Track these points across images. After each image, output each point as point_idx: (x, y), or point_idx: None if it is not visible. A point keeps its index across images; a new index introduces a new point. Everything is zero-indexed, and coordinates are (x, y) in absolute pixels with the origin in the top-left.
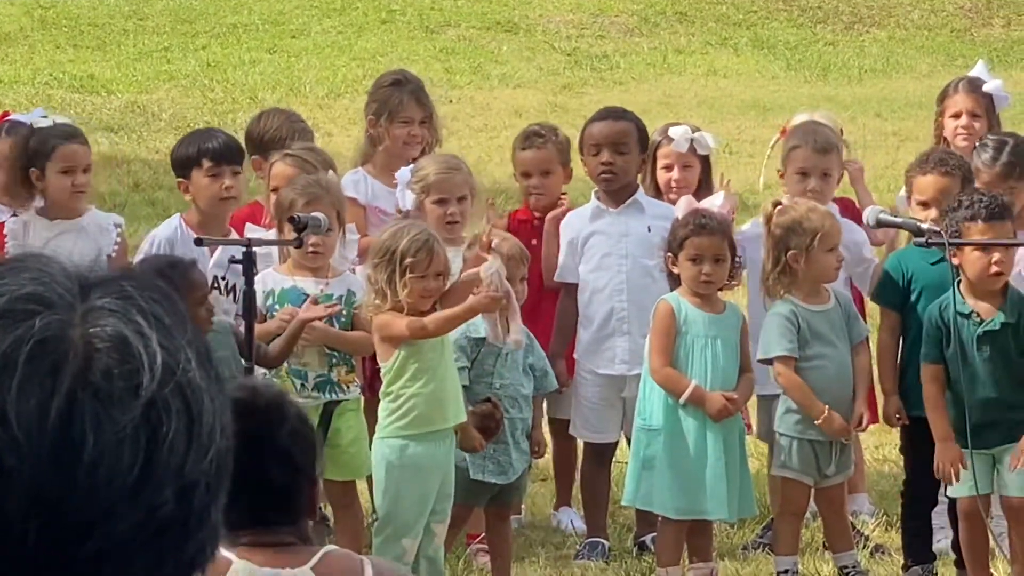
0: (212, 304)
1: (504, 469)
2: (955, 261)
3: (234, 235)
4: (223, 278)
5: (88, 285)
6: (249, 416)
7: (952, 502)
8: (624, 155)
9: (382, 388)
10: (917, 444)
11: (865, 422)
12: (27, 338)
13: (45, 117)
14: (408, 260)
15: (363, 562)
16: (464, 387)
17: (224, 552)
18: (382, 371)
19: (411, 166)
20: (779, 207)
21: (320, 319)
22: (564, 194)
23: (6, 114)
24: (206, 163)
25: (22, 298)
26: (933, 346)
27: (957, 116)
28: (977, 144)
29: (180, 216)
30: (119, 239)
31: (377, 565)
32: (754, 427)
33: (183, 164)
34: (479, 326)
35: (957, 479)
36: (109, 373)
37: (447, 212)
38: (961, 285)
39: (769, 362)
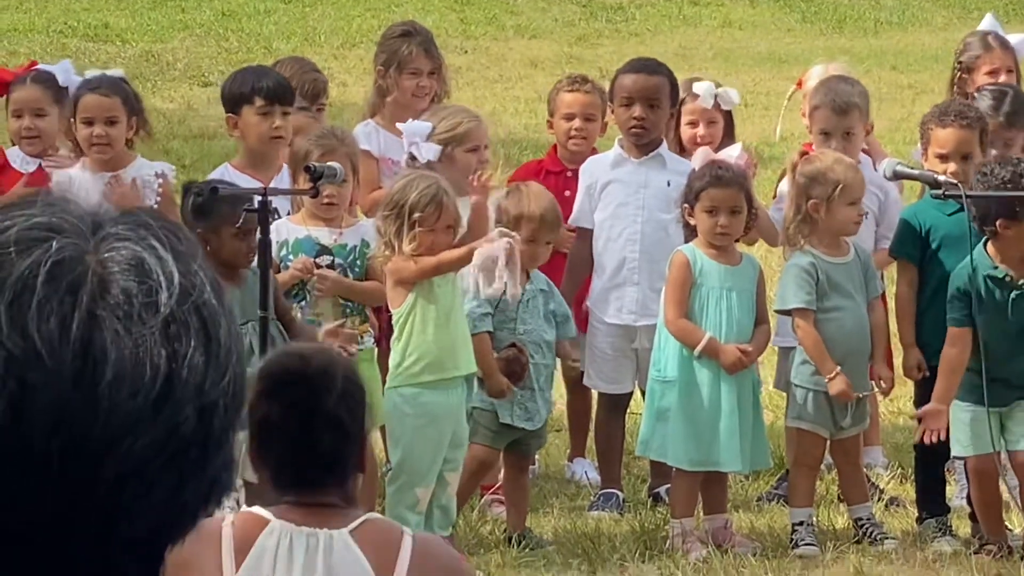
0: (254, 244)
1: (531, 415)
2: (971, 215)
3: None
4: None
5: (100, 219)
6: (299, 384)
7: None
8: (656, 109)
9: (393, 336)
10: (931, 397)
11: (887, 385)
12: (44, 260)
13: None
14: (417, 214)
15: (403, 534)
16: (488, 333)
17: (262, 512)
18: (394, 318)
19: (417, 121)
20: (805, 156)
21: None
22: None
23: (33, 63)
24: (258, 101)
25: (36, 227)
26: (959, 310)
27: (993, 73)
28: (976, 93)
29: (227, 164)
30: (160, 189)
31: (419, 540)
32: (770, 380)
33: (234, 100)
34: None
35: (934, 440)
36: (127, 292)
37: (482, 159)
38: (988, 246)
39: (786, 313)
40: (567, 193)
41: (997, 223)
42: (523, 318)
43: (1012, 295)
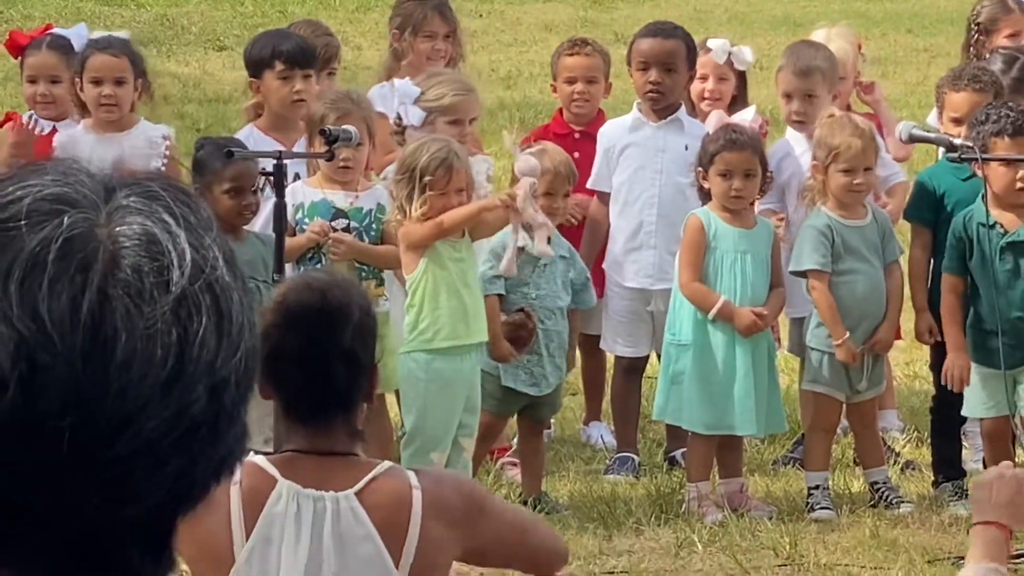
0: (247, 202)
1: (537, 380)
2: (980, 173)
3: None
4: None
5: (112, 187)
6: (316, 319)
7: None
8: (673, 74)
9: (406, 301)
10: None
11: (882, 346)
12: (55, 237)
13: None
14: (427, 178)
15: (411, 489)
16: (500, 296)
17: (267, 467)
18: (407, 283)
19: (407, 80)
20: (830, 117)
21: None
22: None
23: (48, 27)
24: (278, 65)
25: (47, 198)
26: (955, 257)
27: (1015, 36)
28: (988, 55)
29: (252, 125)
30: (167, 151)
31: (428, 493)
32: (784, 342)
33: (256, 65)
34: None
35: (960, 387)
36: (139, 269)
37: (461, 133)
38: (987, 199)
39: (801, 274)
40: (576, 155)
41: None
42: (537, 282)
43: (1000, 243)
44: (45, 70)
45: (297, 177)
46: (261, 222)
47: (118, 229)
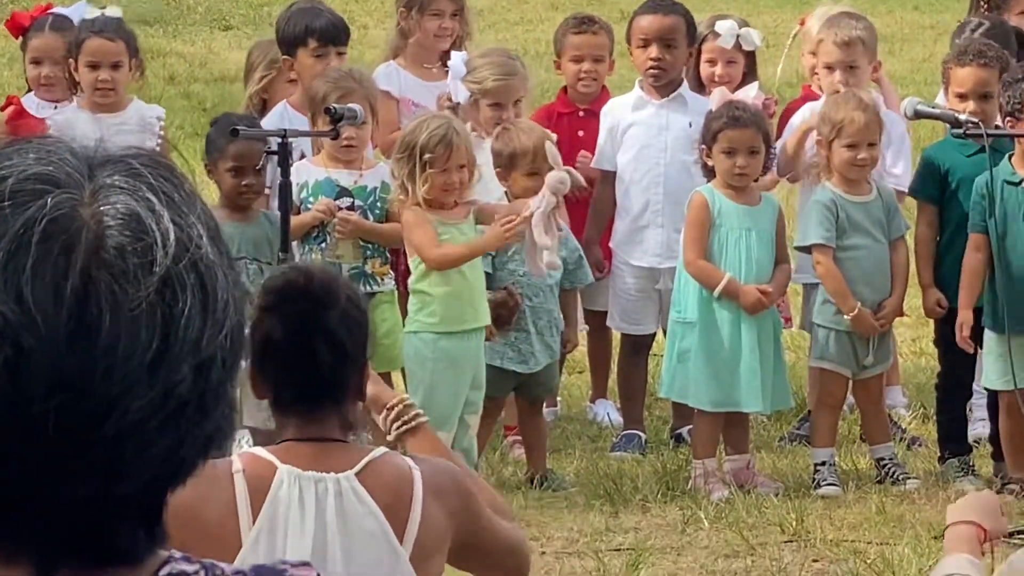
0: (248, 181)
1: (525, 358)
2: (987, 147)
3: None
4: None
5: (96, 164)
6: (300, 298)
7: (992, 395)
8: (673, 49)
9: (411, 281)
10: (951, 336)
11: (887, 315)
12: (39, 218)
13: (96, 10)
14: (427, 155)
15: (412, 471)
16: (487, 274)
17: (266, 455)
18: (411, 264)
19: (463, 55)
20: (835, 93)
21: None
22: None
23: (49, 6)
24: (312, 43)
25: (31, 178)
26: (978, 214)
27: None
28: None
29: (285, 102)
30: (161, 132)
31: (427, 475)
32: (795, 319)
33: (289, 43)
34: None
35: (970, 347)
36: (122, 250)
37: (502, 116)
38: (1014, 158)
39: (806, 250)
40: (580, 133)
41: None
42: (524, 259)
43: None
44: (49, 52)
45: (303, 156)
46: (264, 201)
47: (102, 208)
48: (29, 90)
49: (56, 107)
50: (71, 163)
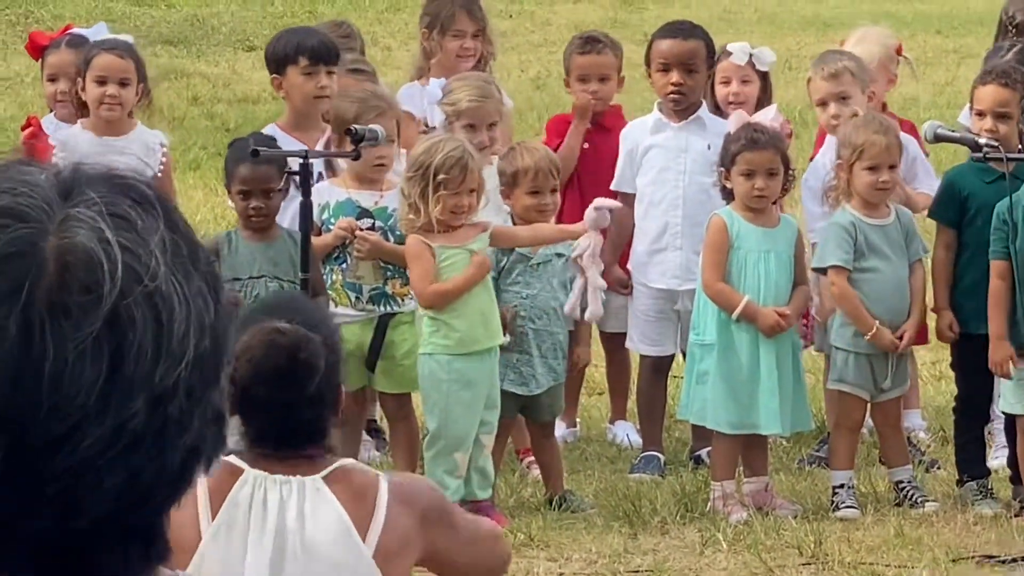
0: (256, 205)
1: (526, 380)
2: (1007, 171)
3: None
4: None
5: (67, 190)
6: (284, 377)
7: (1009, 419)
8: (694, 74)
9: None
10: (969, 360)
11: (907, 339)
12: None
13: (112, 32)
14: (441, 176)
15: (379, 478)
16: None
17: (235, 461)
18: None
19: (442, 81)
20: (854, 116)
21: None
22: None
23: (68, 27)
24: (302, 61)
25: None
26: (1000, 242)
27: None
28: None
29: (274, 124)
30: (164, 158)
31: (395, 484)
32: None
33: (279, 61)
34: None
35: (1008, 375)
36: (68, 286)
37: (476, 139)
38: None
39: (823, 271)
40: (586, 146)
41: None
42: (528, 281)
43: None
44: (65, 68)
45: (321, 177)
46: (287, 221)
47: (56, 243)
48: (50, 110)
49: (70, 126)
50: (41, 193)
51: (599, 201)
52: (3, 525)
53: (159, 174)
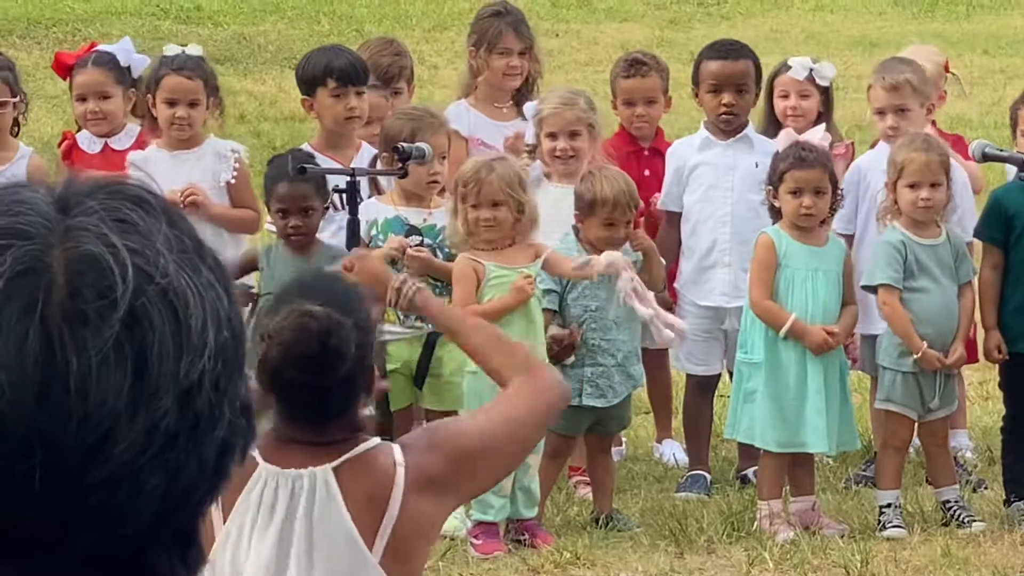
0: (294, 223)
1: (604, 392)
2: None
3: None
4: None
5: (64, 203)
6: (313, 363)
7: None
8: (745, 94)
9: None
10: (1017, 380)
11: (956, 358)
12: (1, 275)
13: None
14: (461, 189)
15: (396, 466)
16: (554, 311)
17: (253, 454)
18: None
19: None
20: (903, 136)
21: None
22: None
23: (93, 44)
24: (331, 83)
25: None
26: None
27: None
28: None
29: (308, 143)
30: (237, 164)
31: (413, 468)
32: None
33: (308, 83)
34: (571, 251)
35: None
36: (82, 294)
37: (556, 147)
38: None
39: (872, 289)
40: (646, 173)
41: None
42: (595, 294)
43: None
44: (94, 87)
45: (369, 194)
46: (328, 236)
47: (61, 255)
48: (78, 129)
49: (106, 142)
50: (38, 210)
51: (608, 256)
52: (50, 543)
53: (232, 180)
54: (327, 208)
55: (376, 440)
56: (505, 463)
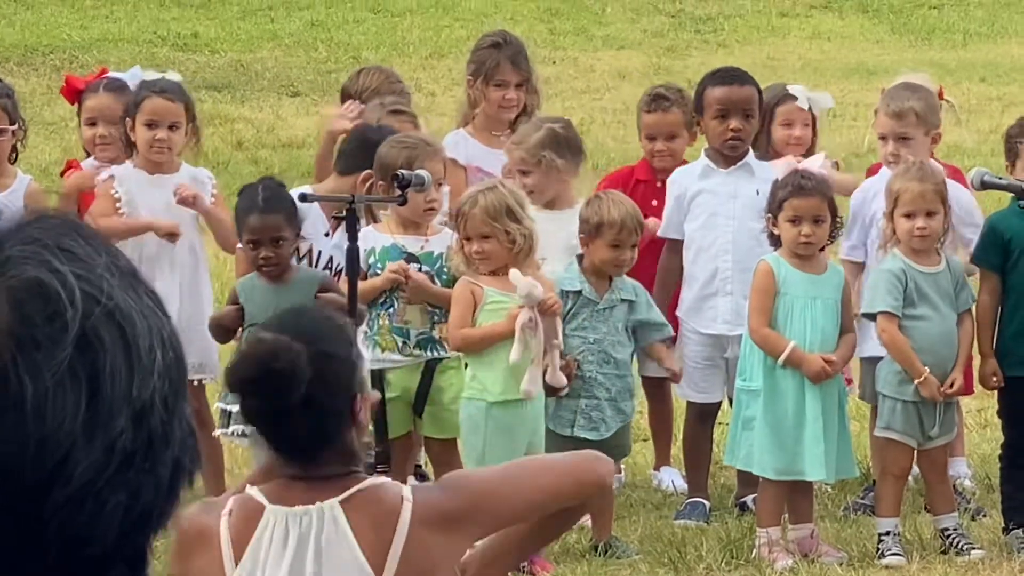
0: (264, 253)
1: (596, 425)
2: None
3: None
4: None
5: (1, 236)
6: (262, 387)
7: None
8: (750, 119)
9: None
10: (1015, 406)
11: (957, 388)
12: None
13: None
14: (456, 221)
15: (403, 500)
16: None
17: (257, 496)
18: None
19: None
20: (901, 164)
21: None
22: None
23: (104, 71)
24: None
25: None
26: None
27: None
28: None
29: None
30: (215, 191)
31: (419, 502)
32: (855, 386)
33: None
34: (574, 279)
35: None
36: (31, 319)
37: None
38: None
39: (872, 317)
40: (654, 203)
41: None
42: (595, 326)
43: None
44: (104, 112)
45: (336, 216)
46: (324, 263)
47: (3, 285)
48: (87, 154)
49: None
50: None
51: (528, 285)
52: (13, 565)
53: (213, 200)
54: (300, 237)
55: (383, 479)
56: (524, 507)
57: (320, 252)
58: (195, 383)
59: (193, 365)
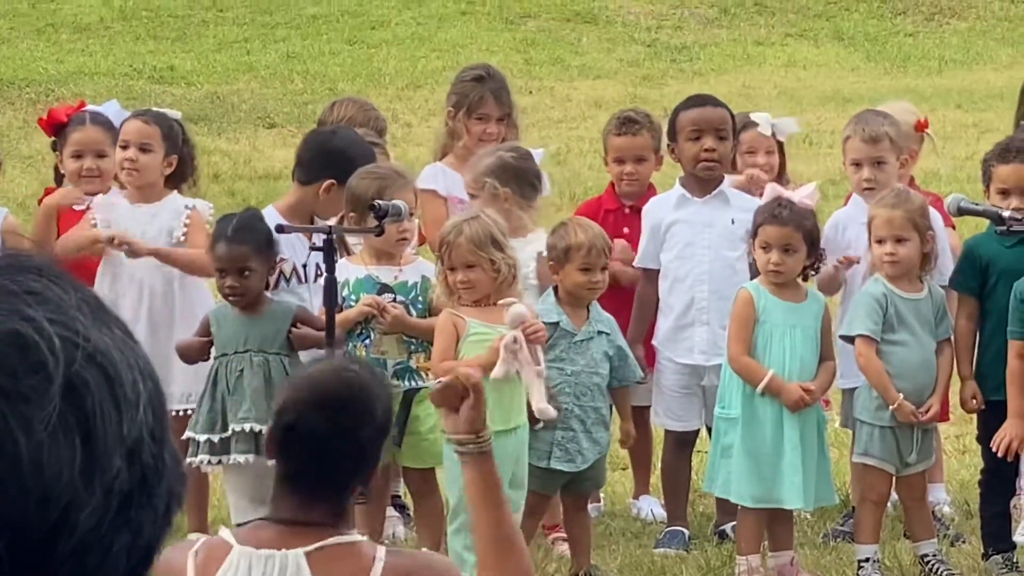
0: (231, 283)
1: (572, 457)
2: None
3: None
4: (304, 266)
5: None
6: (344, 410)
7: None
8: (724, 140)
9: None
10: (994, 432)
11: (932, 414)
12: None
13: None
14: (439, 251)
15: (375, 560)
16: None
17: (227, 538)
18: None
19: (540, 152)
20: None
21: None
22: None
23: (82, 104)
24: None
25: None
26: (1018, 322)
27: None
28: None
29: (272, 206)
30: (187, 220)
31: (391, 567)
32: (836, 416)
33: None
34: (551, 311)
35: (1012, 455)
36: (14, 372)
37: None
38: None
39: (850, 339)
40: (625, 230)
41: None
42: (573, 358)
43: None
44: (92, 145)
45: (314, 247)
46: (314, 273)
47: None
48: (58, 185)
49: (91, 201)
50: None
51: (516, 308)
52: None
53: (182, 238)
54: (278, 263)
55: (357, 536)
56: None
57: (304, 266)
58: (180, 413)
59: (183, 395)
